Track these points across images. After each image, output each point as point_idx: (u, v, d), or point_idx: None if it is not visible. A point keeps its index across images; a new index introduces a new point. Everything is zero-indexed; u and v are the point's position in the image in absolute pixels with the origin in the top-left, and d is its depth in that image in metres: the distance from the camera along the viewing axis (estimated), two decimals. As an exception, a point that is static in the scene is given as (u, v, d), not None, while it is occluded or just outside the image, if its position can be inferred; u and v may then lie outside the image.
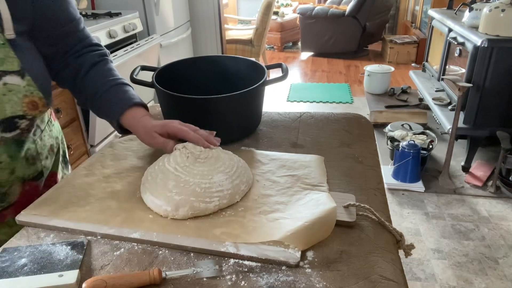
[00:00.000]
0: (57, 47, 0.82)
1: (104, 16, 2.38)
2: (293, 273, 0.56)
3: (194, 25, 3.48)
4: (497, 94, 2.26)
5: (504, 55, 2.18)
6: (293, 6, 6.25)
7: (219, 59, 1.07)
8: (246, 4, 6.75)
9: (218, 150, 0.76)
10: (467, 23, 2.51)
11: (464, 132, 2.40)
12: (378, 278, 0.55)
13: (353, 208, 0.67)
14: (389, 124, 2.85)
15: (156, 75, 0.95)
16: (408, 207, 2.24)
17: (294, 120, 1.04)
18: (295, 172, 0.78)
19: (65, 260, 0.58)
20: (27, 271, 0.56)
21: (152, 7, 2.70)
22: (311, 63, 5.10)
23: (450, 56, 2.79)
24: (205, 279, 0.55)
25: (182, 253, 0.60)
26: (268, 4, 4.01)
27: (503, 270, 1.78)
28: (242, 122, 0.94)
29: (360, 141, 0.94)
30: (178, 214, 0.65)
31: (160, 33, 2.81)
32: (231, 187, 0.69)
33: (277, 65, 1.01)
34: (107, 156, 0.86)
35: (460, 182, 2.43)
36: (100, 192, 0.73)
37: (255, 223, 0.64)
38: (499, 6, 2.19)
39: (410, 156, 2.30)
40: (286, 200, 0.70)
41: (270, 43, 5.65)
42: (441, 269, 1.80)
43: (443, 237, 2.01)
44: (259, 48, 4.15)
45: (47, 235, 0.65)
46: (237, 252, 0.59)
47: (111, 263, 0.59)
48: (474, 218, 2.13)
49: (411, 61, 4.75)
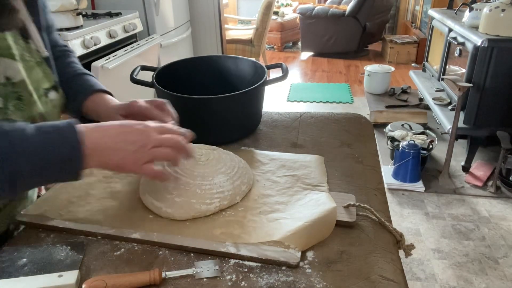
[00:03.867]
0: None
1: (104, 16, 2.38)
2: (293, 273, 0.56)
3: (194, 25, 3.48)
4: (497, 94, 2.26)
5: (504, 55, 2.18)
6: (293, 6, 6.25)
7: (219, 59, 1.07)
8: (246, 4, 6.75)
9: (219, 151, 0.76)
10: (467, 23, 2.51)
11: (464, 132, 2.40)
12: (378, 278, 0.55)
13: (353, 208, 0.67)
14: (389, 124, 2.85)
15: (156, 75, 0.95)
16: (408, 207, 2.24)
17: (294, 120, 1.04)
18: (295, 172, 0.78)
19: (65, 260, 0.58)
20: (27, 271, 0.56)
21: (152, 7, 2.70)
22: (311, 63, 5.10)
23: (450, 56, 2.79)
24: (205, 279, 0.55)
25: (182, 253, 0.60)
26: (268, 4, 4.01)
27: (503, 270, 1.78)
28: (242, 122, 0.94)
29: (360, 141, 0.94)
30: (178, 215, 0.65)
31: (160, 33, 2.81)
32: (232, 188, 0.69)
33: (277, 65, 1.01)
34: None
35: (460, 182, 2.43)
36: (100, 192, 0.73)
37: (255, 223, 0.64)
38: (499, 6, 2.19)
39: (410, 156, 2.30)
40: (286, 200, 0.70)
41: (270, 43, 5.65)
42: (441, 269, 1.80)
43: (443, 237, 2.01)
44: (259, 48, 4.15)
45: (47, 235, 0.65)
46: (237, 252, 0.58)
47: (111, 263, 0.59)
48: (474, 218, 2.13)
49: (411, 61, 4.74)
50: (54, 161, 0.53)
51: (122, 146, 0.57)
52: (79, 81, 0.81)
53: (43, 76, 0.73)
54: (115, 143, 0.57)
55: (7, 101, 0.65)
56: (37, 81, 0.71)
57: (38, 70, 0.72)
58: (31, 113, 0.69)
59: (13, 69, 0.66)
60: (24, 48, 0.70)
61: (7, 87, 0.65)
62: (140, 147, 0.58)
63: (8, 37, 0.66)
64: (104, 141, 0.56)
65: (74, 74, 0.82)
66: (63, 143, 0.53)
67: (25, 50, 0.70)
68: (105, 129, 0.58)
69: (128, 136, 0.58)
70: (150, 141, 0.58)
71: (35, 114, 0.70)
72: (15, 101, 0.66)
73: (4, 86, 0.65)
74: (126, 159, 0.57)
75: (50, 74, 0.75)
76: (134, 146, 0.57)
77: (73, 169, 0.55)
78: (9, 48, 0.66)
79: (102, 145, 0.56)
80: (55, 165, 0.53)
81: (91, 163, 0.56)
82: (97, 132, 0.57)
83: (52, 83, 0.75)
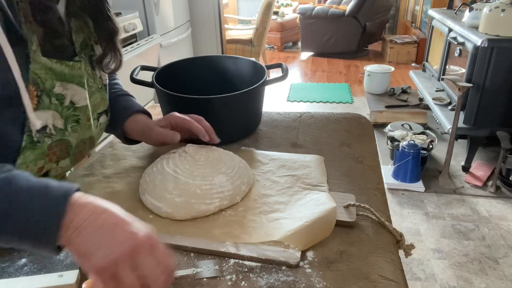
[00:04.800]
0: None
1: (104, 16, 2.38)
2: (293, 273, 0.56)
3: (194, 25, 3.48)
4: (497, 94, 2.26)
5: (504, 55, 2.18)
6: (293, 6, 6.24)
7: (219, 59, 1.07)
8: (246, 4, 6.75)
9: (220, 152, 0.76)
10: (467, 23, 2.51)
11: (464, 132, 2.40)
12: (378, 278, 0.55)
13: (353, 208, 0.67)
14: (389, 124, 2.85)
15: (156, 75, 0.95)
16: (408, 207, 2.24)
17: (294, 120, 1.04)
18: (295, 172, 0.78)
19: (65, 260, 0.58)
20: (27, 271, 0.56)
21: (152, 7, 2.70)
22: (311, 63, 5.09)
23: (450, 56, 2.78)
24: (205, 279, 0.55)
25: (182, 253, 0.60)
26: (268, 4, 4.01)
27: (503, 270, 1.78)
28: (242, 122, 0.94)
29: (360, 141, 0.94)
30: (178, 215, 0.65)
31: (160, 33, 2.81)
32: (232, 188, 0.69)
33: (277, 65, 1.01)
34: (107, 156, 0.86)
35: (460, 182, 2.43)
36: (100, 192, 0.73)
37: (255, 223, 0.64)
38: (499, 6, 2.19)
39: (410, 156, 2.30)
40: (286, 200, 0.70)
41: (270, 43, 5.65)
42: (441, 269, 1.80)
43: (443, 237, 2.00)
44: (259, 48, 4.15)
45: (47, 235, 0.65)
46: (237, 252, 0.59)
47: (111, 263, 0.58)
48: (474, 218, 2.13)
49: (411, 61, 4.74)
50: (31, 221, 0.45)
51: (102, 246, 0.45)
52: (121, 101, 0.85)
53: (100, 101, 0.77)
54: (98, 240, 0.45)
55: (67, 123, 0.69)
56: (95, 106, 0.76)
57: (97, 95, 0.76)
58: (84, 136, 0.73)
59: (80, 95, 0.70)
60: (90, 74, 0.74)
61: (70, 110, 0.69)
62: (119, 260, 0.44)
63: (83, 66, 0.70)
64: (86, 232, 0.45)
65: (117, 94, 0.86)
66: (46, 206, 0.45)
67: (91, 76, 0.74)
68: (96, 218, 0.46)
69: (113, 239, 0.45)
70: (131, 260, 0.45)
71: (86, 137, 0.74)
72: (73, 124, 0.70)
73: (67, 109, 0.68)
74: (97, 261, 0.45)
75: (106, 100, 0.79)
76: (113, 254, 0.44)
77: (49, 240, 0.45)
78: (82, 77, 0.70)
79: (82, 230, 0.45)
80: (30, 227, 0.45)
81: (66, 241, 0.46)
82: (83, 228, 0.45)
83: (106, 107, 0.79)
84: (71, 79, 0.68)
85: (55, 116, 0.66)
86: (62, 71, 0.66)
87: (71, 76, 0.68)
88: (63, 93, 0.67)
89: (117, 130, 0.84)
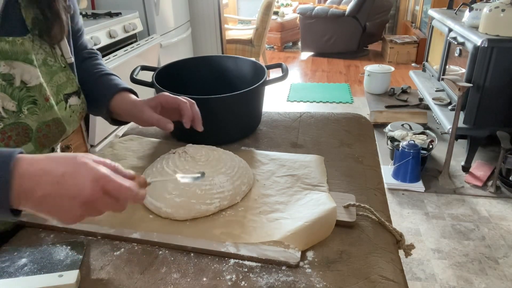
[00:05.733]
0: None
1: (104, 16, 2.38)
2: (293, 273, 0.56)
3: (194, 25, 3.48)
4: (497, 94, 2.26)
5: (504, 55, 2.18)
6: (293, 6, 6.24)
7: (219, 59, 1.07)
8: (246, 4, 6.75)
9: (220, 152, 0.76)
10: (467, 23, 2.51)
11: (464, 132, 2.40)
12: (378, 278, 0.55)
13: (353, 208, 0.67)
14: (389, 124, 2.85)
15: (156, 75, 0.95)
16: (408, 207, 2.24)
17: (294, 120, 1.04)
18: (295, 172, 0.78)
19: (65, 260, 0.58)
20: (27, 271, 0.56)
21: (152, 7, 2.70)
22: (311, 63, 5.10)
23: (450, 56, 2.79)
24: (205, 279, 0.55)
25: (182, 253, 0.60)
26: (268, 4, 4.01)
27: (503, 270, 1.78)
28: (242, 122, 0.94)
29: (360, 141, 0.94)
30: (178, 216, 0.65)
31: (160, 33, 2.81)
32: (232, 188, 0.69)
33: (277, 65, 1.01)
34: (107, 156, 0.86)
35: (460, 182, 2.43)
36: (100, 192, 0.73)
37: (255, 223, 0.64)
38: (499, 6, 2.19)
39: (410, 156, 2.30)
40: (286, 200, 0.70)
41: (270, 43, 5.65)
42: (441, 269, 1.80)
43: (443, 237, 2.01)
44: (259, 48, 4.15)
45: (47, 235, 0.65)
46: (237, 252, 0.59)
47: (111, 263, 0.59)
48: (474, 218, 2.13)
49: (411, 61, 4.74)
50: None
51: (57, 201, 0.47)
52: (104, 80, 0.82)
53: (66, 81, 0.74)
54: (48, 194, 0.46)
55: (21, 104, 0.66)
56: (60, 86, 0.72)
57: (61, 75, 0.73)
58: (45, 118, 0.70)
59: (30, 74, 0.67)
60: (49, 53, 0.71)
61: (22, 91, 0.66)
62: (78, 217, 0.48)
63: (26, 42, 0.67)
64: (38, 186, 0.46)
65: (100, 74, 0.83)
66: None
67: (50, 55, 0.71)
68: (44, 172, 0.47)
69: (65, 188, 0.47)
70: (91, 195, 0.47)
71: (49, 119, 0.70)
72: (29, 105, 0.67)
73: (19, 90, 0.66)
74: (59, 213, 0.48)
75: (73, 80, 0.76)
76: (71, 202, 0.47)
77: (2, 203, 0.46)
78: (27, 53, 0.67)
79: (33, 189, 0.46)
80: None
81: (23, 203, 0.47)
82: (32, 177, 0.46)
83: (75, 88, 0.76)
84: (15, 57, 0.64)
85: (4, 98, 0.64)
86: (3, 48, 0.63)
87: (14, 53, 0.64)
88: (11, 73, 0.64)
89: (102, 110, 0.80)
